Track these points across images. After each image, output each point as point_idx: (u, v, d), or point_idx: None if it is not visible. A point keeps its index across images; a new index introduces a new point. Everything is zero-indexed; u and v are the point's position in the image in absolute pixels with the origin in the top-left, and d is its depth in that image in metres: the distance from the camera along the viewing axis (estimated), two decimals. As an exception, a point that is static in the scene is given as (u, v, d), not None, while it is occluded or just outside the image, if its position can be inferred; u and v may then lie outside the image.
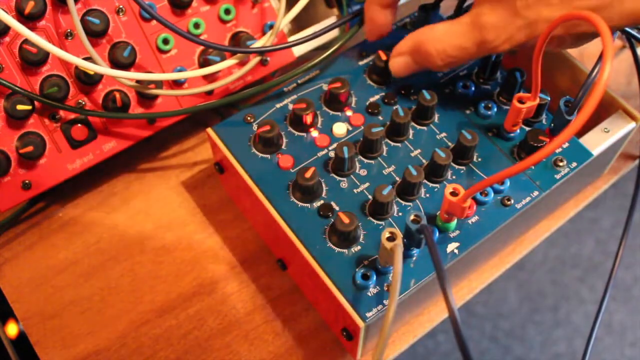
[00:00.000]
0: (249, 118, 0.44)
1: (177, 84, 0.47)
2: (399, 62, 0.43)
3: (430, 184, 0.41)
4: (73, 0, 0.41)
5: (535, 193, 0.41)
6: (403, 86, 0.45)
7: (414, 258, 0.38)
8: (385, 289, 0.38)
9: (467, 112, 0.45)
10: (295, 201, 0.41)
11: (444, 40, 0.39)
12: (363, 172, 0.42)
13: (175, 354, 0.43)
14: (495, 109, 0.44)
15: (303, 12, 0.47)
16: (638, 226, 1.31)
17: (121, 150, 0.47)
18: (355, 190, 0.41)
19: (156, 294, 0.45)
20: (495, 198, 0.41)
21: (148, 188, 0.50)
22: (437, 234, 0.39)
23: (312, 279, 0.39)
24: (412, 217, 0.35)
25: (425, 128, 0.44)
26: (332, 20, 0.52)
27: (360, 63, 0.47)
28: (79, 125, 0.45)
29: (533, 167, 0.42)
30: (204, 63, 0.47)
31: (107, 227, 0.48)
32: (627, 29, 0.44)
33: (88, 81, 0.44)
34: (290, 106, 0.45)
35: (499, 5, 0.37)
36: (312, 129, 0.43)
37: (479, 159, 0.42)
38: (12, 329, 0.59)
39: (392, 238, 0.35)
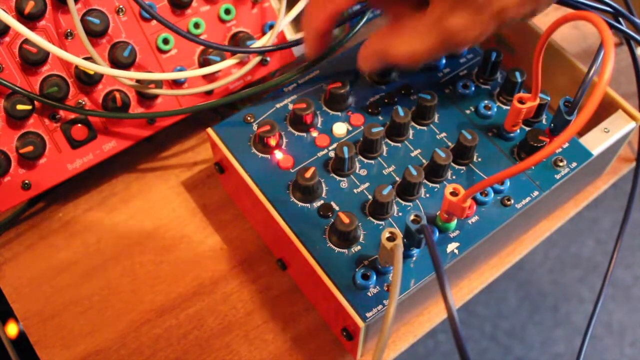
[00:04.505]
0: (249, 118, 0.44)
1: (177, 83, 0.47)
2: (367, 64, 0.42)
3: (430, 184, 0.41)
4: (73, 0, 0.41)
5: (535, 193, 0.41)
6: (403, 86, 0.45)
7: (414, 258, 0.38)
8: (385, 289, 0.38)
9: (467, 112, 0.45)
10: (295, 201, 0.41)
11: (410, 48, 0.38)
12: (363, 172, 0.42)
13: (175, 354, 0.43)
14: (495, 109, 0.44)
15: (303, 12, 0.47)
16: (637, 226, 1.32)
17: (121, 150, 0.47)
18: (355, 190, 0.41)
19: (156, 294, 0.45)
20: (495, 198, 0.41)
21: (148, 188, 0.50)
22: (437, 234, 0.39)
23: (312, 279, 0.39)
24: (412, 217, 0.35)
25: (425, 128, 0.44)
26: (332, 20, 0.52)
27: (360, 63, 0.47)
28: (79, 125, 0.45)
29: (533, 167, 0.42)
30: (204, 63, 0.47)
31: (107, 227, 0.48)
32: (627, 30, 0.44)
33: (88, 81, 0.44)
34: (290, 106, 0.44)
35: (459, 6, 0.35)
36: (312, 129, 0.44)
37: (479, 159, 0.42)
38: (12, 329, 0.60)
39: (392, 238, 0.35)
